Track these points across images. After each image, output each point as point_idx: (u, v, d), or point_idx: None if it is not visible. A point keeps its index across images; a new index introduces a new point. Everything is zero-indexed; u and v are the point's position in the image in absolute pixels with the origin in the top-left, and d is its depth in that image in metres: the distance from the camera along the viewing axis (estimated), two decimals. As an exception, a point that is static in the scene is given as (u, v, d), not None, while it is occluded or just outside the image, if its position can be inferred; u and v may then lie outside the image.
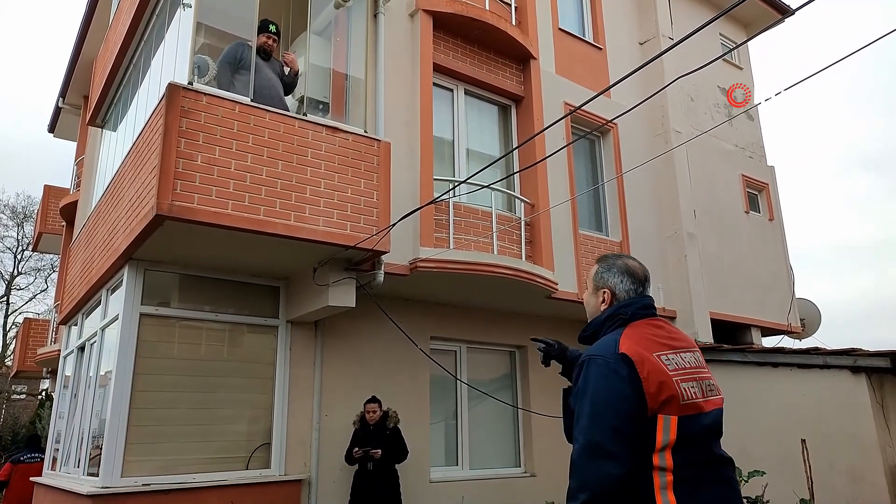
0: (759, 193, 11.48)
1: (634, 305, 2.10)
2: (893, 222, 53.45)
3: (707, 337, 8.88)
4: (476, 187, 6.93)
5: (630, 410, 1.82)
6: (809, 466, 6.46)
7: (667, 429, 1.82)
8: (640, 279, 2.19)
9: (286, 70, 6.27)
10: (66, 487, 5.98)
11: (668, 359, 1.91)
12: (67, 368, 8.15)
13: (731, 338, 9.91)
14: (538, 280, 7.05)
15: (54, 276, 26.82)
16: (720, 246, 10.12)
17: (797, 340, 11.15)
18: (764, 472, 5.64)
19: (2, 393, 21.41)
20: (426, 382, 7.35)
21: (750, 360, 7.55)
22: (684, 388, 1.87)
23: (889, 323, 45.91)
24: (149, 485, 5.40)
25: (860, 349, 6.68)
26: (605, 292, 2.18)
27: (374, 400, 6.35)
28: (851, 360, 6.64)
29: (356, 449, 6.11)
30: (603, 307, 2.18)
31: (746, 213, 10.92)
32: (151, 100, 5.93)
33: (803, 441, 6.60)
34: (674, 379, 1.86)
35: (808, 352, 7.19)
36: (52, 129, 15.48)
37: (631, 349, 1.89)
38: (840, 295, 50.43)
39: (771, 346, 9.31)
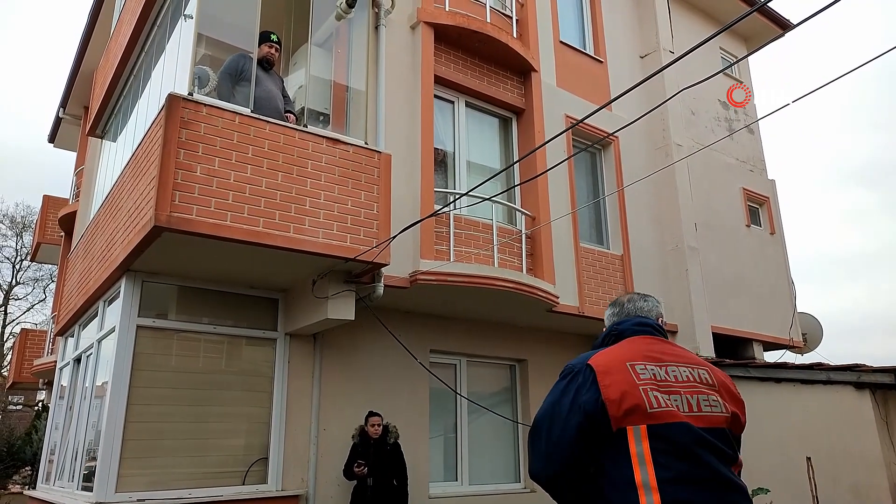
0: (759, 207, 11.46)
1: (627, 322, 2.13)
2: (884, 235, 53.62)
3: (708, 351, 8.82)
4: (477, 200, 6.91)
5: (569, 417, 1.86)
6: (815, 484, 6.38)
7: (638, 438, 1.76)
8: (619, 301, 2.26)
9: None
10: (59, 502, 5.91)
11: (644, 368, 1.86)
12: (63, 380, 8.07)
13: (732, 352, 9.84)
14: (539, 293, 7.01)
15: (52, 286, 26.76)
16: (721, 260, 10.08)
17: (799, 355, 11.09)
18: (768, 490, 5.58)
19: (-2, 404, 21.31)
20: (426, 396, 7.28)
21: (753, 375, 7.50)
22: (654, 397, 1.79)
23: (883, 335, 45.94)
24: (143, 500, 5.32)
25: (863, 365, 6.62)
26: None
27: (376, 414, 6.28)
28: (855, 376, 6.59)
29: (357, 463, 5.99)
30: None
31: (747, 226, 10.89)
32: (151, 110, 5.91)
33: (808, 459, 6.53)
34: (640, 388, 1.80)
35: (811, 367, 7.13)
36: (52, 139, 15.51)
37: (599, 360, 1.91)
38: (832, 307, 50.42)
39: (773, 360, 9.25)
